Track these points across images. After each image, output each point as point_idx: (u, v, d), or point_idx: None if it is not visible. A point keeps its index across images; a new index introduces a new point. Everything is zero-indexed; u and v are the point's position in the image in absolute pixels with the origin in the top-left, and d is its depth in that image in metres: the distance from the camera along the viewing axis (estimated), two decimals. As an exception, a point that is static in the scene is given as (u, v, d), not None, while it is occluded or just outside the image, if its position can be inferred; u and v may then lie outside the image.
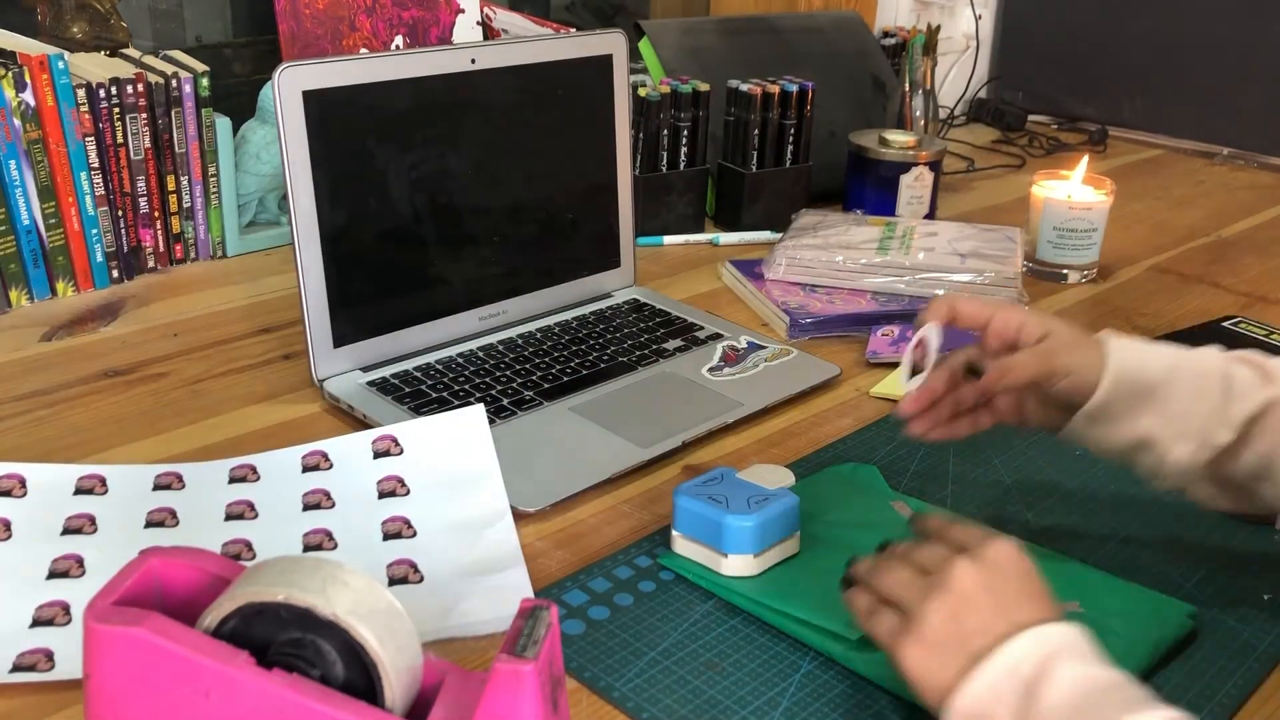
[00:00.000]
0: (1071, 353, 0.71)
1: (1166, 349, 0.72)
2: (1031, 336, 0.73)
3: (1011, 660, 0.54)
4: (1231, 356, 0.72)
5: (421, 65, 0.96)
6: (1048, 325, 0.73)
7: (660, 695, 0.64)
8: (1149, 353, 0.71)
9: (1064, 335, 0.72)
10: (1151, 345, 0.73)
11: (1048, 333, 0.72)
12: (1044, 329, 0.72)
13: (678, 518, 0.75)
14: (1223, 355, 0.72)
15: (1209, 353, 0.72)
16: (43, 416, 0.92)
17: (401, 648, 0.50)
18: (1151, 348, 0.72)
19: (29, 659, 0.64)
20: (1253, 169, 1.85)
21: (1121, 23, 1.99)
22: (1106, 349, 0.71)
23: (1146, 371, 0.70)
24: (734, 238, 1.39)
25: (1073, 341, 0.72)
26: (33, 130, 1.08)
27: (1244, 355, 0.72)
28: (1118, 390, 0.70)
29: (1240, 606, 0.74)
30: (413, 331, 1.00)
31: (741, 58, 1.52)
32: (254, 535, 0.75)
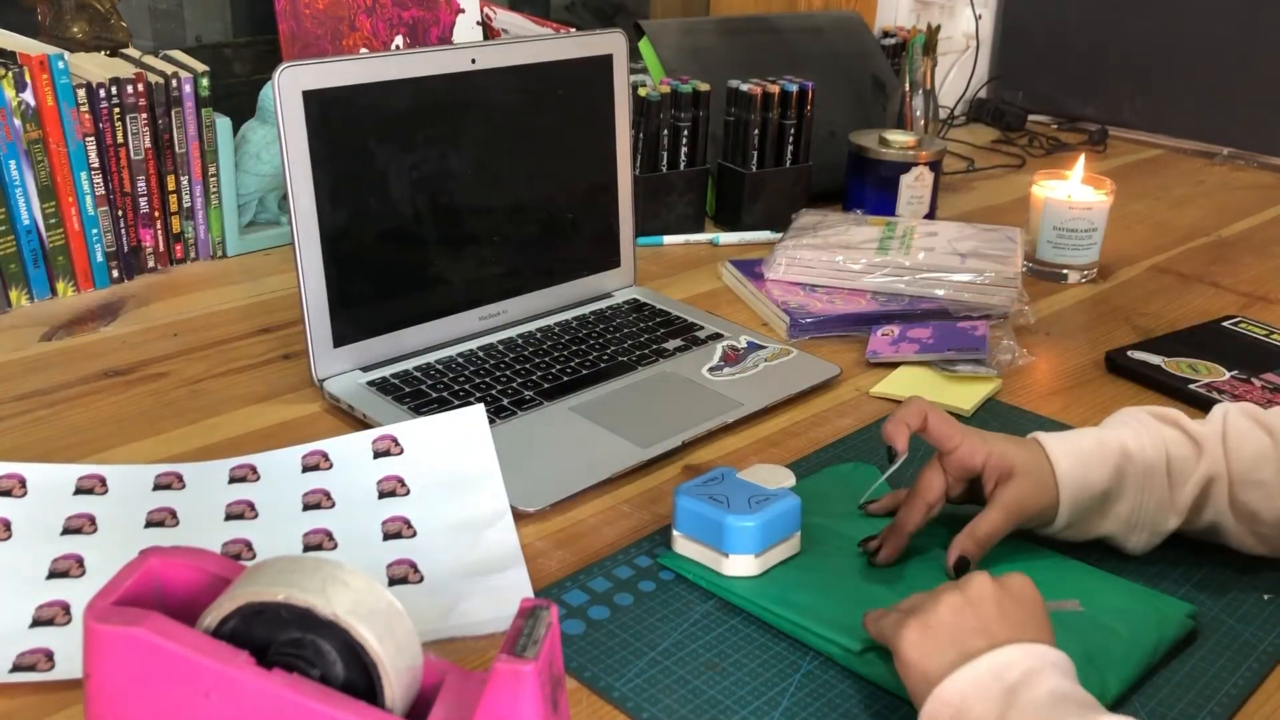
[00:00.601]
0: (1036, 498, 0.73)
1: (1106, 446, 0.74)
2: (993, 478, 0.74)
3: (1000, 664, 0.57)
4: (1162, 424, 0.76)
5: (421, 65, 0.96)
6: (1009, 459, 0.74)
7: (660, 695, 0.64)
8: (1093, 465, 0.73)
9: (1022, 479, 0.73)
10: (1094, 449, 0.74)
11: (1010, 470, 0.73)
12: (1006, 466, 0.73)
13: (678, 518, 0.75)
14: (1157, 427, 0.75)
15: (1145, 436, 0.75)
16: (43, 416, 0.92)
17: (401, 648, 0.50)
18: (1094, 453, 0.74)
19: (29, 659, 0.64)
20: (1253, 169, 1.85)
21: (1121, 23, 1.99)
22: (1058, 478, 0.73)
23: (1097, 489, 0.74)
24: (734, 238, 1.39)
25: (1031, 482, 0.73)
26: (33, 130, 1.08)
27: (1170, 418, 0.76)
28: (1076, 513, 0.75)
29: (1240, 606, 0.74)
30: (413, 331, 1.00)
31: (741, 58, 1.52)
32: (254, 535, 0.75)
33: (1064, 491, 0.73)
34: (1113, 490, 0.74)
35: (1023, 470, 0.73)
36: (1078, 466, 0.73)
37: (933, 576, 0.74)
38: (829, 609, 0.70)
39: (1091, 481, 0.73)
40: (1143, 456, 0.74)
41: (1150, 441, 0.74)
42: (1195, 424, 0.76)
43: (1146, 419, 0.76)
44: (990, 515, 0.73)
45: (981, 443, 0.75)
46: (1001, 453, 0.74)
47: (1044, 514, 0.74)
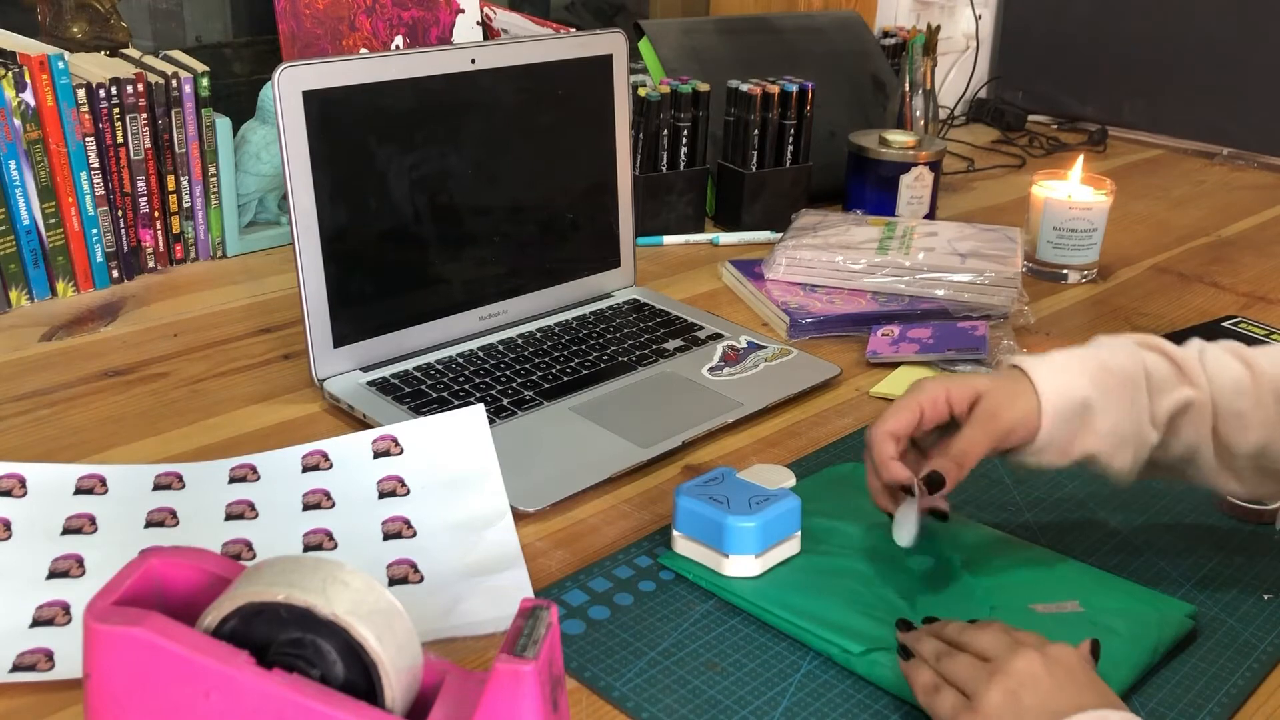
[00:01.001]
0: (1011, 406, 0.71)
1: (1083, 360, 0.73)
2: (963, 404, 0.72)
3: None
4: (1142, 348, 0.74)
5: (421, 65, 0.96)
6: (973, 386, 0.72)
7: (660, 695, 0.64)
8: (1072, 373, 0.72)
9: (993, 391, 0.71)
10: (1069, 360, 0.73)
11: (977, 394, 0.72)
12: (971, 391, 0.72)
13: (678, 518, 0.75)
14: (1134, 348, 0.74)
15: (1121, 349, 0.73)
16: (43, 416, 0.92)
17: (401, 648, 0.50)
18: (1070, 364, 0.72)
19: (29, 659, 0.64)
20: (1253, 169, 1.85)
21: (1121, 23, 1.99)
22: (1036, 386, 0.71)
23: (1076, 396, 0.71)
24: (734, 238, 1.39)
25: (1003, 393, 0.71)
26: (33, 130, 1.08)
27: (1151, 343, 0.74)
28: (1057, 424, 0.71)
29: (1240, 606, 0.74)
30: (413, 331, 1.00)
31: (741, 58, 1.52)
32: (254, 535, 0.75)
33: (1044, 398, 0.70)
34: (1092, 400, 0.71)
35: (990, 388, 0.71)
36: (1055, 373, 0.71)
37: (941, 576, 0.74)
38: (829, 611, 0.70)
39: (1070, 388, 0.71)
40: (1122, 371, 0.72)
41: (1129, 359, 0.72)
42: (1175, 348, 0.74)
43: (1124, 340, 0.75)
44: (966, 431, 0.70)
45: (937, 383, 0.73)
46: (961, 382, 0.72)
47: (1024, 425, 0.71)
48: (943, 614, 0.67)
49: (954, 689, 0.60)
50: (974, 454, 0.70)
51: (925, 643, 0.63)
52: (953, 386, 0.72)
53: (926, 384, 0.73)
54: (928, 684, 0.61)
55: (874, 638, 0.67)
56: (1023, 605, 0.71)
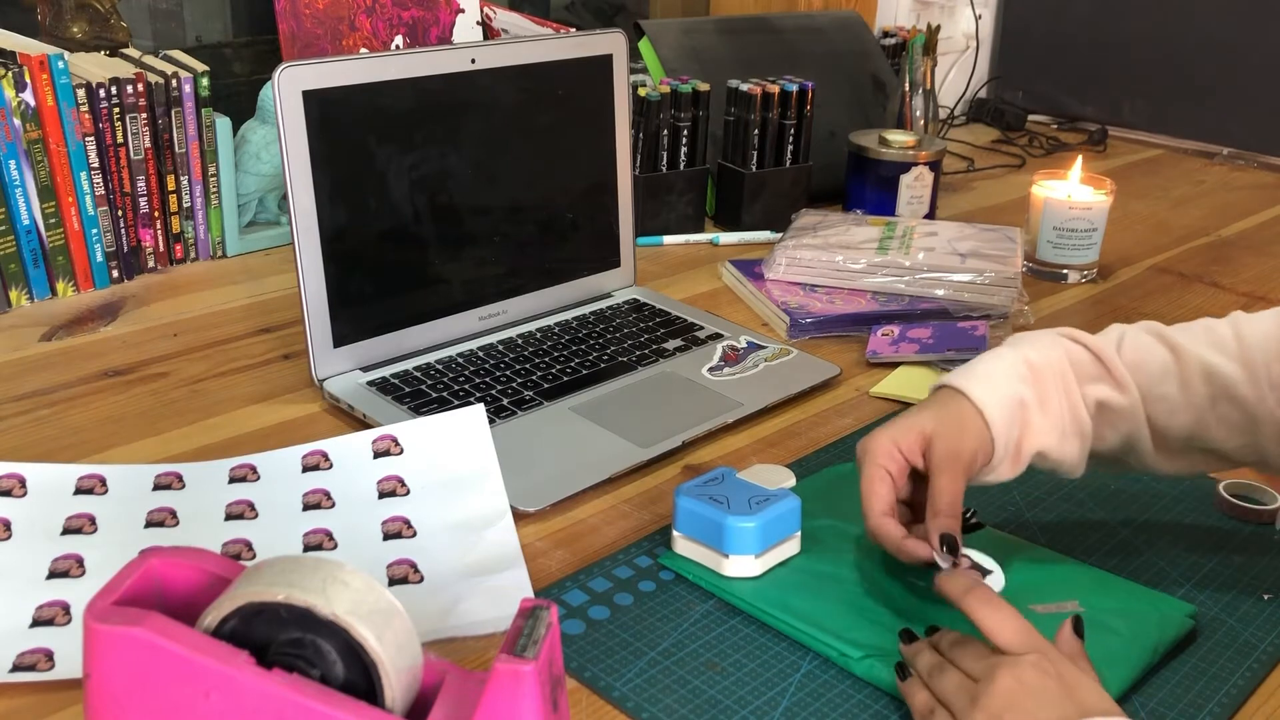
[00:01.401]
0: (964, 437, 0.70)
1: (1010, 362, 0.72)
2: (915, 451, 0.71)
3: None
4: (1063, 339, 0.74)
5: (421, 65, 0.96)
6: (919, 429, 0.70)
7: (660, 695, 0.64)
8: (1001, 378, 0.71)
9: (941, 429, 0.70)
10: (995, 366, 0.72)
11: (925, 438, 0.70)
12: (919, 436, 0.70)
13: (678, 518, 0.75)
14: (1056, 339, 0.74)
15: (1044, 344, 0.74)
16: (43, 416, 0.92)
17: (401, 648, 0.50)
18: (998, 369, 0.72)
19: (29, 659, 0.64)
20: (1253, 169, 1.85)
21: (1121, 23, 1.99)
22: (975, 403, 0.70)
23: (1013, 398, 0.71)
24: (734, 238, 1.39)
25: (952, 427, 0.70)
26: (33, 130, 1.08)
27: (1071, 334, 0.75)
28: (1004, 432, 0.70)
29: (1240, 606, 0.74)
30: (413, 331, 1.00)
31: (741, 58, 1.52)
32: (254, 535, 0.75)
33: (986, 413, 0.70)
34: (1027, 397, 0.71)
35: (937, 427, 0.70)
36: (987, 384, 0.71)
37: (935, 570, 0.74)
38: (829, 614, 0.70)
39: (1005, 392, 0.70)
40: (1046, 361, 0.72)
41: (1052, 351, 0.73)
42: (1095, 340, 0.74)
43: (1045, 334, 0.75)
44: (938, 484, 0.69)
45: (885, 438, 0.71)
46: (905, 429, 0.71)
47: (982, 448, 0.70)
48: (941, 615, 0.67)
49: (946, 710, 0.60)
50: (957, 499, 0.69)
51: (922, 658, 0.63)
52: (898, 436, 0.71)
53: (872, 444, 0.71)
54: (923, 708, 0.61)
55: (873, 643, 0.67)
56: (1023, 605, 0.71)
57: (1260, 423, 0.71)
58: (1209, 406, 0.72)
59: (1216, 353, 0.72)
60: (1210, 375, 0.72)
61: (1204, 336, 0.74)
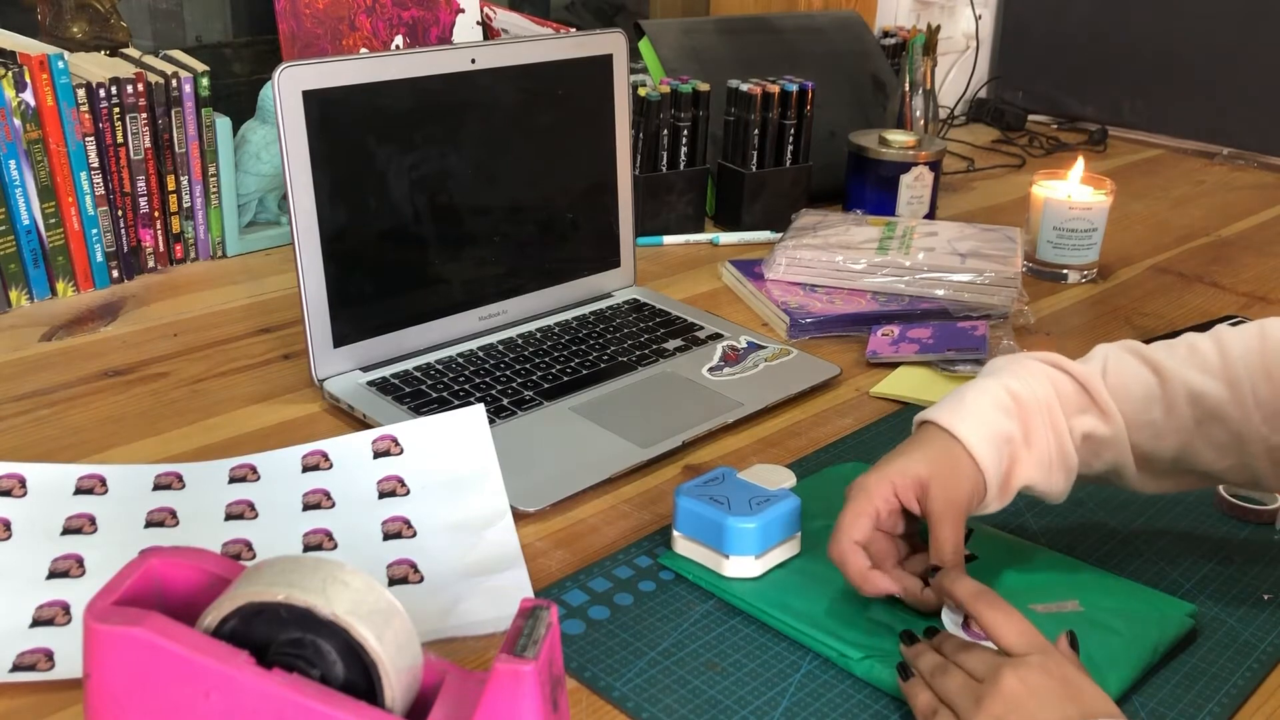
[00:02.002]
0: (959, 483, 0.69)
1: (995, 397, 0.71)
2: (910, 496, 0.70)
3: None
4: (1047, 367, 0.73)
5: (421, 65, 0.96)
6: (914, 475, 0.69)
7: (660, 695, 0.64)
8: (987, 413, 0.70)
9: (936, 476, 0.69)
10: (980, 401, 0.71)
11: (921, 484, 0.69)
12: (915, 482, 0.69)
13: (679, 518, 0.75)
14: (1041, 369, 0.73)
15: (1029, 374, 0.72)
16: (43, 416, 0.92)
17: (401, 648, 0.50)
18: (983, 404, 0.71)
19: (29, 659, 0.64)
20: (1253, 169, 1.85)
21: (1121, 23, 1.99)
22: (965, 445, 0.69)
23: (1000, 434, 0.70)
24: (734, 238, 1.39)
25: (945, 472, 0.69)
26: (33, 130, 1.08)
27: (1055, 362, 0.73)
28: (994, 470, 0.70)
29: (1240, 606, 0.74)
30: (413, 331, 1.00)
31: (741, 58, 1.52)
32: (254, 535, 0.75)
33: (977, 455, 0.69)
34: (1013, 433, 0.70)
35: (932, 470, 0.69)
36: (974, 422, 0.70)
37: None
38: (829, 615, 0.70)
39: (992, 429, 0.70)
40: (1031, 395, 0.71)
41: (1037, 383, 0.72)
42: (1080, 368, 0.73)
43: (1027, 362, 0.74)
44: (941, 534, 0.68)
45: (879, 479, 0.70)
46: (900, 471, 0.69)
47: (976, 491, 0.70)
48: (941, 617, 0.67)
49: (950, 711, 0.60)
50: (960, 547, 0.69)
51: (924, 659, 0.63)
52: (895, 479, 0.69)
53: (868, 483, 0.70)
54: (925, 708, 0.61)
55: (872, 644, 0.67)
56: (1023, 605, 0.71)
57: (1247, 442, 0.70)
58: (1195, 429, 0.71)
59: (1200, 373, 0.72)
60: (1195, 398, 0.71)
61: (1188, 357, 0.73)
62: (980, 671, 0.60)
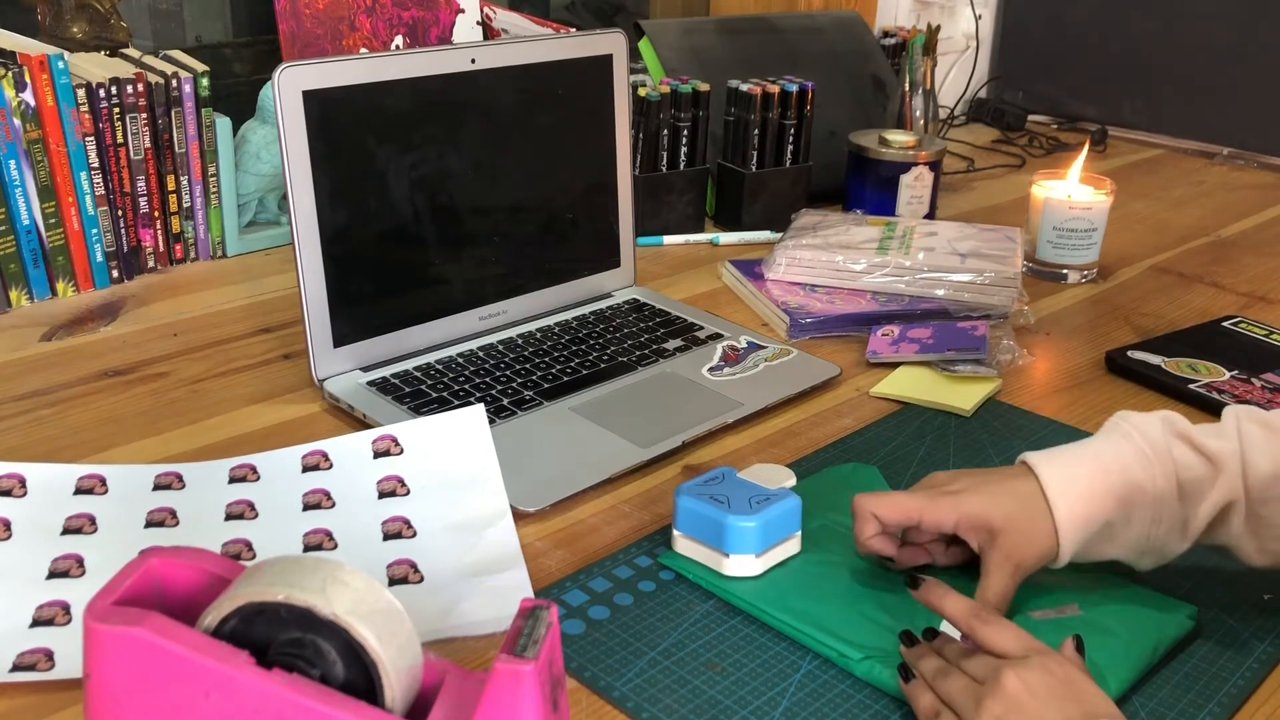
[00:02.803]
0: (1030, 545, 0.68)
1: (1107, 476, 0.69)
2: (974, 537, 0.69)
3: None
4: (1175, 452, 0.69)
5: (421, 65, 0.96)
6: (986, 519, 0.68)
7: (660, 695, 0.64)
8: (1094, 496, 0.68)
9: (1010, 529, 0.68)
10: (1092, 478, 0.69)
11: (991, 530, 0.68)
12: (985, 526, 0.69)
13: (679, 517, 0.75)
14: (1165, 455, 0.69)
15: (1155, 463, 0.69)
16: (43, 416, 0.92)
17: (401, 648, 0.50)
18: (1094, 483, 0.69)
19: (29, 659, 0.64)
20: (1253, 169, 1.85)
21: (1121, 23, 1.99)
22: (1055, 517, 0.68)
23: (1098, 520, 0.69)
24: (734, 238, 1.39)
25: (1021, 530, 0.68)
26: (33, 130, 1.08)
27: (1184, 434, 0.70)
28: (1077, 550, 0.70)
29: (1240, 606, 0.74)
30: (413, 331, 1.00)
31: (741, 58, 1.52)
32: (254, 535, 0.75)
33: (1064, 535, 0.68)
34: (1118, 521, 0.69)
35: (1006, 525, 0.68)
36: (1076, 500, 0.68)
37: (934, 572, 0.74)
38: (829, 615, 0.70)
39: (1092, 514, 0.68)
40: (1153, 486, 0.69)
41: (1161, 469, 0.69)
42: (1209, 439, 0.70)
43: (1154, 434, 0.70)
44: (992, 581, 0.68)
45: (950, 504, 0.69)
46: (975, 513, 0.69)
47: (1044, 557, 0.69)
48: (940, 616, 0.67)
49: (952, 713, 0.60)
50: (1006, 598, 0.68)
51: (925, 661, 0.63)
52: (966, 514, 0.69)
53: (941, 501, 0.70)
54: (927, 709, 0.61)
55: (872, 644, 0.67)
56: (1022, 610, 0.71)
57: None
58: None
59: None
60: None
61: None
62: (981, 673, 0.60)
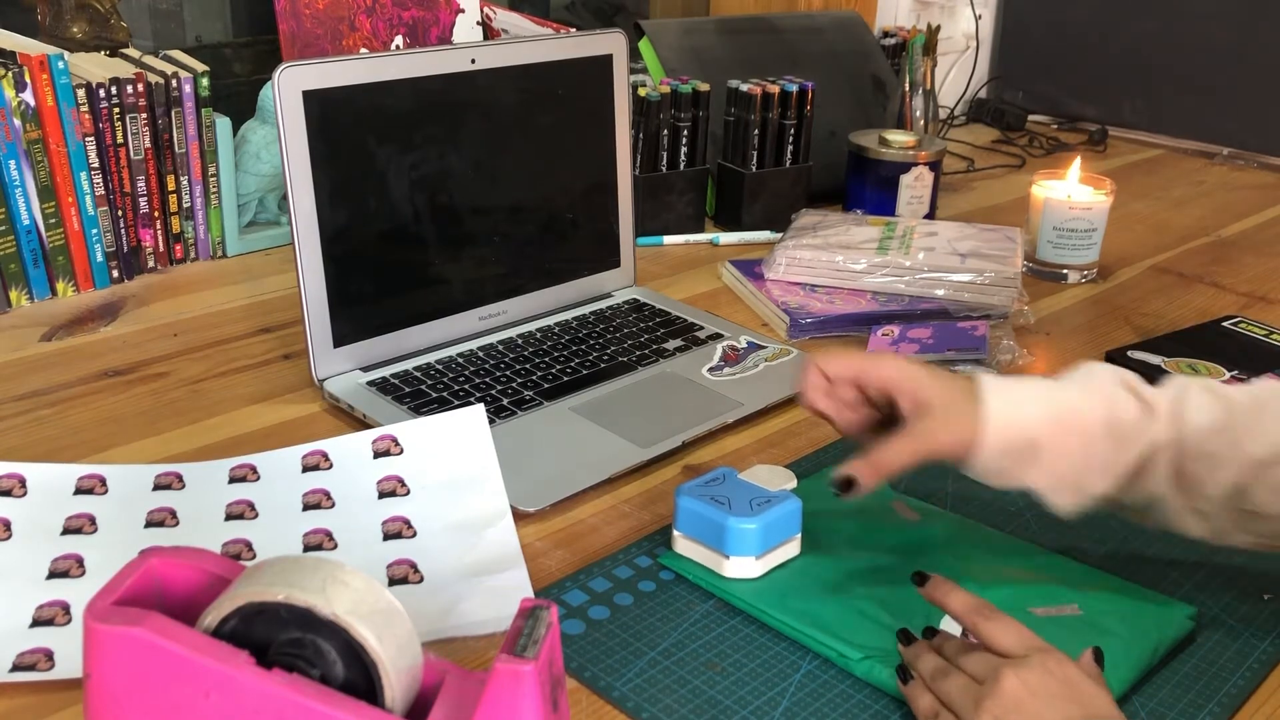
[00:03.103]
0: (948, 431, 0.68)
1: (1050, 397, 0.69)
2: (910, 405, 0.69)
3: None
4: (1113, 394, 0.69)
5: (421, 65, 0.96)
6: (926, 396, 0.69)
7: (660, 695, 0.64)
8: (1030, 408, 0.68)
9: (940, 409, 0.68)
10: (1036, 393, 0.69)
11: (924, 404, 0.69)
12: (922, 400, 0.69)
13: (679, 518, 0.75)
14: (1105, 394, 0.69)
15: (1092, 396, 0.69)
16: (43, 416, 0.92)
17: (401, 648, 0.50)
18: (1035, 398, 0.69)
19: (29, 659, 0.64)
20: (1253, 169, 1.85)
21: (1121, 23, 1.99)
22: (985, 415, 0.68)
23: (1025, 434, 0.68)
24: (734, 238, 1.39)
25: (948, 414, 0.68)
26: (33, 130, 1.08)
27: (1128, 382, 0.70)
28: (995, 458, 0.68)
29: (1240, 606, 0.74)
30: (413, 331, 1.00)
31: (741, 58, 1.52)
32: (254, 535, 0.75)
33: (987, 432, 0.67)
34: (1042, 441, 0.68)
35: (940, 404, 0.68)
36: (1011, 406, 0.68)
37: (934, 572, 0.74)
38: (828, 616, 0.70)
39: (1022, 425, 0.68)
40: (1087, 418, 0.68)
41: (1098, 403, 0.69)
42: (1150, 388, 0.70)
43: (1100, 375, 0.71)
44: (896, 444, 0.68)
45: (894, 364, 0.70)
46: (914, 376, 0.69)
47: (958, 450, 0.68)
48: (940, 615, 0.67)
49: (951, 713, 0.60)
50: (895, 467, 0.68)
51: (924, 661, 0.63)
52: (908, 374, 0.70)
53: (887, 359, 0.71)
54: (927, 711, 0.61)
55: (872, 644, 0.67)
56: (1022, 608, 0.71)
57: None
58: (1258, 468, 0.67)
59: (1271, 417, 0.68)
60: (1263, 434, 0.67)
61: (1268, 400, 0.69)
62: (981, 673, 0.60)
